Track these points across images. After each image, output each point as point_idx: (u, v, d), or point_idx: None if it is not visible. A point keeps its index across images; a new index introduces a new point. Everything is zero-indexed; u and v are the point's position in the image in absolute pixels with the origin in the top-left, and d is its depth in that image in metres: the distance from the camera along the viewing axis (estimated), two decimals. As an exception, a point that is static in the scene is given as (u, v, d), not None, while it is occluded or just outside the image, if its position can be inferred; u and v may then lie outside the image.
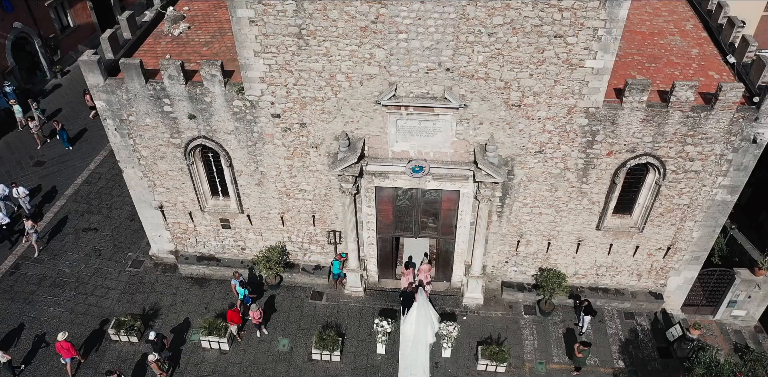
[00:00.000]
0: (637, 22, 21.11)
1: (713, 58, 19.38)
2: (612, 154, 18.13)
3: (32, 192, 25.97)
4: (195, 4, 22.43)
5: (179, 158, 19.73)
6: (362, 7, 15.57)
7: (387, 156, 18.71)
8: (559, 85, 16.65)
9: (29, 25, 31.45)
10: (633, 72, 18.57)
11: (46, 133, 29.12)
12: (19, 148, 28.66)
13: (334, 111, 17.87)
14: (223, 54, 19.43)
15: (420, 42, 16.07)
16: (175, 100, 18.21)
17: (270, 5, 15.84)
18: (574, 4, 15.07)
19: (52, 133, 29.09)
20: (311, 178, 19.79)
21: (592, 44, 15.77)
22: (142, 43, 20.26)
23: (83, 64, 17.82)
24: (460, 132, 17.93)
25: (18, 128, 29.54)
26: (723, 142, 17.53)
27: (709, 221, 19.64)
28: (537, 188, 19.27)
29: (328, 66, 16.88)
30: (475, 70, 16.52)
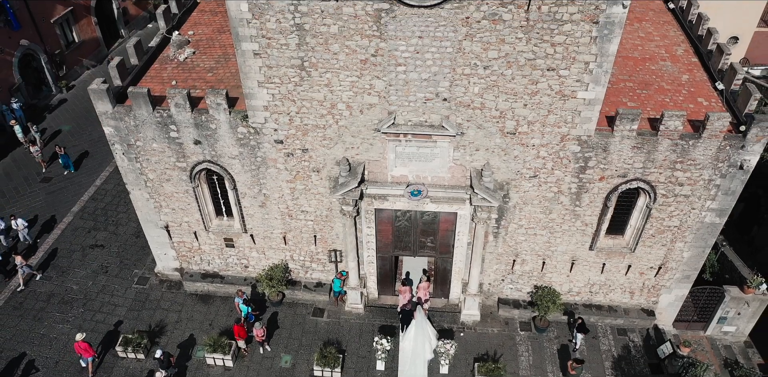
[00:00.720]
0: (629, 47, 21.71)
1: (703, 84, 19.99)
2: (604, 178, 18.75)
3: (39, 209, 26.64)
4: (199, 28, 23.04)
5: (185, 181, 20.34)
6: (362, 42, 16.19)
7: (386, 180, 19.32)
8: (552, 114, 17.27)
9: (35, 41, 32.06)
10: (625, 99, 19.18)
11: (46, 158, 29.11)
12: (27, 164, 29.25)
13: (335, 137, 18.48)
14: (227, 80, 20.04)
15: (418, 74, 16.69)
16: (181, 126, 18.82)
17: (274, 39, 16.45)
18: (566, 39, 15.68)
19: (54, 156, 29.20)
20: (313, 200, 20.40)
21: (583, 77, 16.39)
22: (149, 68, 20.86)
23: (92, 93, 18.45)
24: (457, 158, 18.55)
25: (23, 145, 30.05)
26: (711, 168, 18.15)
27: (699, 242, 20.25)
28: (532, 210, 19.88)
29: (330, 95, 17.49)
30: (471, 100, 17.13)
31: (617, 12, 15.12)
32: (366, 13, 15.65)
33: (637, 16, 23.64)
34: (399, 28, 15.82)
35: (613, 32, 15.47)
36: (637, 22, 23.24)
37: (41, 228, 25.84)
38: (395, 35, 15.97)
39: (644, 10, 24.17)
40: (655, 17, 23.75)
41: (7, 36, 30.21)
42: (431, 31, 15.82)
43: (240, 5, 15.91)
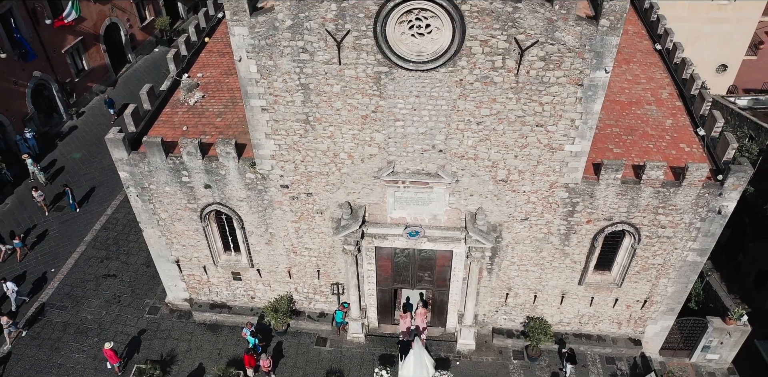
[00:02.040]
0: (617, 90, 22.83)
1: (685, 130, 21.12)
2: (591, 221, 19.89)
3: (53, 238, 27.81)
4: (208, 70, 24.17)
5: (195, 220, 21.49)
6: (363, 100, 17.34)
7: (386, 221, 20.46)
8: (541, 164, 18.41)
9: (47, 71, 33.18)
10: (611, 145, 20.31)
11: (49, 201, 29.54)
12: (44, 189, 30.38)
13: (338, 183, 19.63)
14: (235, 125, 21.18)
15: (416, 128, 17.84)
16: (192, 172, 19.97)
17: (280, 97, 17.60)
18: (553, 99, 16.83)
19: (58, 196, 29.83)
20: (316, 238, 21.54)
21: (570, 132, 17.53)
22: (161, 112, 21.99)
23: (109, 142, 19.59)
24: (453, 202, 19.70)
25: (31, 178, 30.89)
26: (692, 212, 19.29)
27: (682, 278, 21.39)
28: (523, 249, 21.02)
29: (333, 146, 18.64)
30: (466, 152, 18.28)
31: (600, 76, 16.26)
32: (367, 75, 16.80)
33: (626, 57, 24.75)
34: (397, 88, 16.98)
35: (597, 93, 16.61)
36: (625, 64, 24.36)
37: (57, 257, 26.96)
38: (394, 94, 17.12)
39: (632, 50, 25.28)
40: (642, 58, 24.86)
41: (21, 68, 31.34)
42: (427, 91, 16.97)
43: (249, 67, 17.05)
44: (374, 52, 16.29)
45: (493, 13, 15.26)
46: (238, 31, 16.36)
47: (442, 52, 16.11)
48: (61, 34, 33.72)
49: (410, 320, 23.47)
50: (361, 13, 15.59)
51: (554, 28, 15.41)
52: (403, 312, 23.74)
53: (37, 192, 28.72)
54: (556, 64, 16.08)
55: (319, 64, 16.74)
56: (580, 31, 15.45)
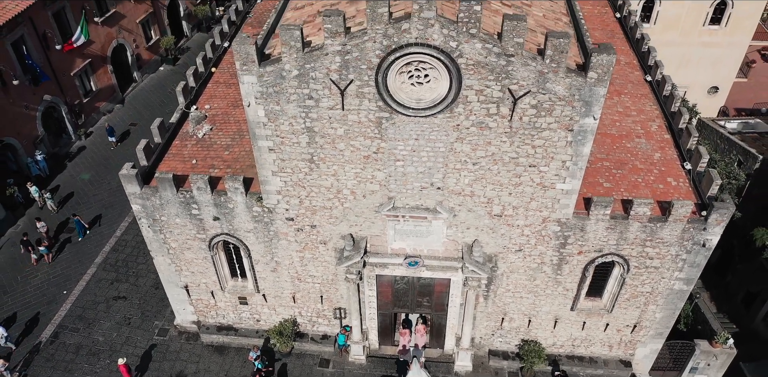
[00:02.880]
0: (608, 123, 23.78)
1: (673, 163, 22.07)
2: (582, 253, 20.86)
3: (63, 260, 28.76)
4: (215, 101, 25.13)
5: (204, 249, 22.45)
6: (365, 142, 18.30)
7: (387, 252, 21.43)
8: (534, 201, 19.38)
9: (56, 94, 34.12)
10: (601, 179, 21.26)
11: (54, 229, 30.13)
12: (50, 217, 31.28)
13: (341, 216, 20.59)
14: (242, 159, 22.12)
15: (415, 168, 18.80)
16: (202, 205, 20.93)
17: (287, 138, 18.56)
18: (545, 143, 17.79)
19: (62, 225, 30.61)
20: (320, 266, 22.50)
21: (561, 172, 18.49)
22: (171, 145, 22.94)
23: (123, 178, 20.55)
24: (450, 234, 20.66)
25: (38, 205, 31.57)
26: (677, 245, 20.25)
27: (669, 305, 22.36)
28: (518, 278, 21.99)
29: (336, 183, 19.60)
30: (462, 189, 19.25)
31: (589, 122, 17.22)
32: (369, 120, 17.76)
33: (617, 88, 25.71)
34: (398, 132, 17.94)
35: (586, 138, 17.58)
36: (616, 96, 25.31)
37: (68, 279, 27.92)
38: (394, 137, 18.08)
39: (624, 81, 26.25)
40: (633, 90, 25.82)
41: (32, 92, 32.28)
42: (426, 135, 17.93)
43: (257, 111, 18.02)
44: (376, 100, 17.25)
45: (487, 66, 16.22)
46: (247, 79, 17.32)
47: (440, 99, 17.08)
48: (70, 57, 34.65)
49: (410, 337, 24.51)
50: (364, 65, 16.55)
51: (545, 79, 16.38)
52: (402, 329, 24.76)
53: (40, 222, 29.14)
54: (547, 111, 17.05)
55: (324, 110, 17.70)
56: (570, 83, 16.41)
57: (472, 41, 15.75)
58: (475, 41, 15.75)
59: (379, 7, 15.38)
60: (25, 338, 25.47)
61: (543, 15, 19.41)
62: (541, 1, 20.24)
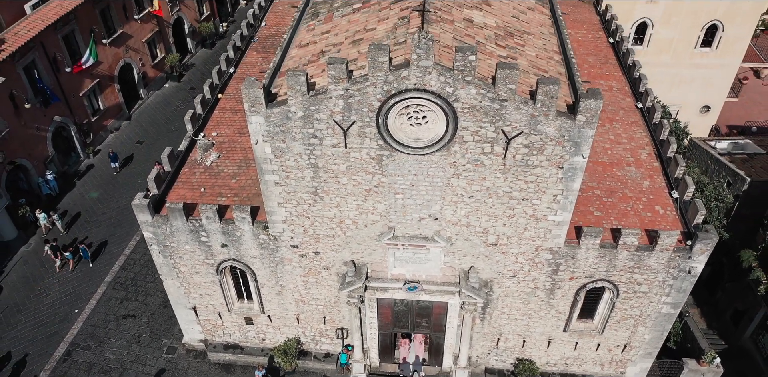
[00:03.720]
0: (599, 151, 24.75)
1: (661, 192, 23.02)
2: (573, 278, 21.84)
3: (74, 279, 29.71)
4: (222, 128, 26.10)
5: (212, 274, 23.43)
6: (367, 177, 19.28)
7: (387, 277, 22.41)
8: (527, 231, 20.36)
9: (66, 115, 35.10)
10: (592, 208, 22.22)
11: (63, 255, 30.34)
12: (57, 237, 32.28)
13: (343, 244, 21.57)
14: (249, 187, 23.08)
15: (414, 200, 19.78)
16: (210, 233, 21.91)
17: (292, 173, 19.54)
18: (537, 178, 18.77)
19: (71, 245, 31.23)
20: (323, 290, 23.49)
21: (552, 205, 19.47)
22: (180, 173, 23.90)
23: (135, 207, 21.53)
24: (448, 261, 21.64)
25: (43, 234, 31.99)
26: (664, 272, 21.23)
27: (658, 327, 23.34)
28: (513, 301, 22.97)
29: (338, 214, 20.58)
30: (459, 220, 20.22)
31: (578, 160, 18.19)
32: (370, 157, 18.74)
33: (609, 116, 26.69)
34: (397, 168, 18.92)
35: (576, 174, 18.55)
36: (608, 123, 26.29)
37: (79, 298, 28.92)
38: (394, 172, 19.06)
39: (616, 108, 27.22)
40: (624, 117, 26.79)
41: (43, 114, 33.25)
42: (424, 170, 18.91)
43: (264, 148, 19.00)
44: (377, 139, 18.23)
45: (482, 109, 17.20)
46: (255, 119, 18.30)
47: (438, 139, 18.05)
48: (79, 78, 35.64)
49: (409, 345, 25.55)
50: (365, 108, 17.53)
51: (537, 121, 17.35)
52: (402, 338, 25.78)
53: (47, 245, 29.89)
54: (539, 150, 18.02)
55: (328, 148, 18.68)
56: (560, 125, 17.39)
57: (468, 87, 16.73)
58: (470, 87, 16.73)
59: (380, 55, 16.35)
60: (39, 356, 26.44)
61: (536, 54, 20.38)
62: (534, 40, 21.20)
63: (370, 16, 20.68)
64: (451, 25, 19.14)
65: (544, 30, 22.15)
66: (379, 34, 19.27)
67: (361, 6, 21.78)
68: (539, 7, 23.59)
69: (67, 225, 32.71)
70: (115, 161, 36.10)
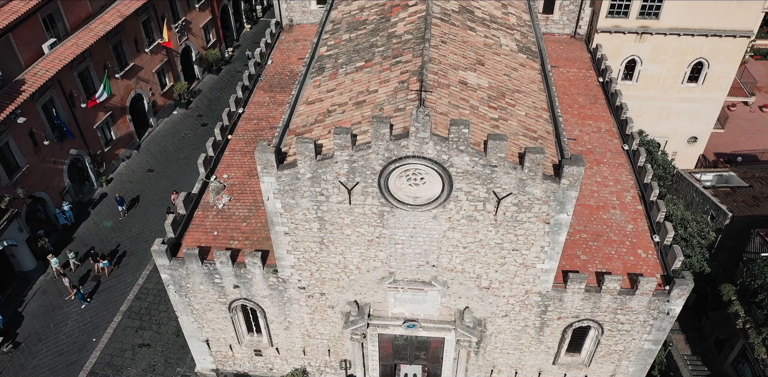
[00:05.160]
0: (587, 193, 26.38)
1: (643, 235, 24.67)
2: (561, 318, 23.50)
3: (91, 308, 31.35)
4: (232, 170, 27.74)
5: (224, 311, 25.09)
6: (369, 229, 20.94)
7: (388, 315, 24.08)
8: (517, 277, 22.02)
9: (81, 147, 36.73)
10: (579, 251, 23.87)
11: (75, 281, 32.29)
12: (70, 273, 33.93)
13: (347, 287, 23.23)
14: (259, 231, 24.73)
15: (412, 250, 21.45)
16: (224, 276, 23.57)
17: (300, 225, 21.20)
18: (526, 232, 20.42)
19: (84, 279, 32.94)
20: (328, 326, 25.15)
21: (540, 255, 21.13)
22: (194, 215, 25.54)
23: (154, 253, 23.18)
24: (444, 302, 23.31)
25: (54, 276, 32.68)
26: (645, 313, 22.88)
27: (641, 361, 25.00)
28: (505, 337, 24.63)
29: (343, 261, 22.25)
30: (454, 267, 21.89)
31: (563, 217, 19.85)
32: (372, 212, 20.40)
33: (597, 158, 28.34)
34: (397, 222, 20.58)
35: (561, 229, 20.20)
36: (596, 165, 27.93)
37: (97, 327, 30.57)
38: (395, 225, 20.72)
39: (604, 150, 28.87)
40: (612, 159, 28.42)
41: (59, 148, 34.89)
42: (422, 224, 20.57)
43: (275, 204, 20.65)
44: (378, 197, 19.89)
45: (475, 174, 18.85)
46: (267, 179, 19.96)
47: (434, 198, 19.71)
48: (93, 112, 37.25)
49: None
50: (368, 171, 19.18)
51: (525, 184, 19.01)
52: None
53: (65, 278, 31.44)
54: (527, 208, 19.68)
55: (333, 204, 20.34)
56: (546, 187, 19.04)
57: (461, 155, 18.39)
58: (463, 155, 18.38)
59: (382, 127, 18.00)
60: (60, 384, 28.15)
61: (525, 113, 22.01)
62: (524, 98, 22.82)
63: (372, 77, 22.30)
64: (447, 89, 20.78)
65: (534, 86, 23.78)
66: (381, 97, 20.91)
67: (364, 64, 23.42)
68: (530, 62, 25.20)
69: (82, 259, 33.94)
70: (121, 205, 36.69)
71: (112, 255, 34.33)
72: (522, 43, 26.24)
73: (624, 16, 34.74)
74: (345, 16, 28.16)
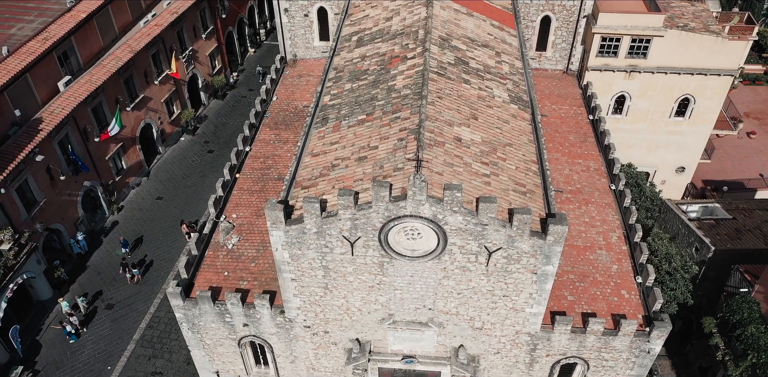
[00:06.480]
0: (575, 233, 28.01)
1: (627, 276, 26.29)
2: (549, 355, 25.15)
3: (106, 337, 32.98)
4: (240, 210, 29.38)
5: (233, 346, 26.74)
6: (370, 277, 22.59)
7: (387, 352, 25.73)
8: (508, 319, 23.67)
9: (94, 178, 38.36)
10: (566, 292, 25.49)
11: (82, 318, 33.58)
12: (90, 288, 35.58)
13: (349, 326, 24.88)
14: (267, 272, 26.36)
15: (410, 295, 23.10)
16: (234, 315, 25.21)
17: (306, 272, 22.85)
18: (515, 281, 22.07)
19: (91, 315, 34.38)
20: (331, 360, 26.79)
21: (529, 300, 22.77)
22: (205, 255, 27.17)
23: (170, 295, 24.83)
24: (440, 340, 24.96)
25: (61, 325, 32.78)
26: (627, 351, 24.52)
27: (625, 394, 26.68)
28: (497, 372, 26.27)
29: (345, 303, 23.89)
30: (449, 310, 23.54)
31: (549, 269, 21.49)
32: (373, 262, 22.05)
33: (585, 197, 29.98)
34: (396, 271, 22.22)
35: (548, 279, 21.84)
36: (584, 205, 29.57)
37: (111, 355, 32.20)
38: (394, 274, 22.37)
39: (592, 190, 30.51)
40: (599, 198, 30.05)
41: (74, 181, 36.52)
42: (419, 273, 22.22)
43: (283, 254, 22.30)
44: (379, 249, 21.53)
45: (467, 230, 20.50)
46: (276, 233, 21.60)
47: (430, 251, 21.36)
48: (105, 144, 38.88)
49: None
50: (369, 227, 20.82)
51: (513, 240, 20.65)
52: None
53: (72, 317, 32.83)
54: (516, 260, 21.32)
55: (337, 255, 21.99)
56: (533, 243, 20.69)
57: (455, 215, 20.03)
58: (457, 215, 20.03)
59: (381, 191, 19.64)
60: (77, 411, 29.79)
61: (516, 167, 23.64)
62: (515, 151, 24.45)
63: (372, 132, 23.92)
64: (442, 147, 22.41)
65: (524, 138, 25.42)
66: (381, 154, 22.53)
67: (365, 118, 25.05)
68: (521, 112, 26.83)
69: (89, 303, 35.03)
70: (125, 247, 37.52)
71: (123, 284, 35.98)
72: (514, 93, 27.87)
73: (614, 56, 36.38)
74: (347, 63, 29.79)
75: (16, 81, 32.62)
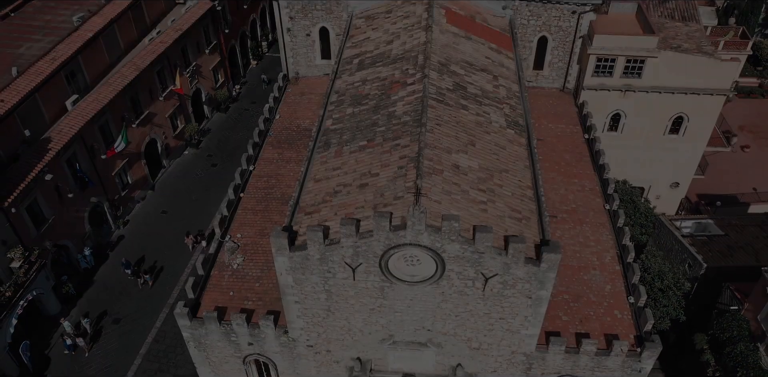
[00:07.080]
0: (570, 254, 28.83)
1: (620, 296, 27.12)
2: (544, 374, 25.98)
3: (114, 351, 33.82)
4: (245, 229, 30.21)
5: (238, 363, 27.59)
6: (371, 300, 23.44)
7: (387, 370, 26.57)
8: (504, 340, 24.51)
9: (100, 193, 39.21)
10: (560, 312, 26.33)
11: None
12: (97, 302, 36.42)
13: (351, 345, 25.72)
14: (271, 291, 27.16)
15: (410, 317, 23.94)
16: (239, 335, 26.06)
17: (309, 295, 23.69)
18: (511, 304, 22.93)
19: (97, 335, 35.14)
20: (333, 377, 27.70)
21: (524, 323, 23.62)
22: (210, 275, 28.01)
23: (177, 316, 25.67)
24: (439, 360, 25.80)
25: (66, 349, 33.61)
26: (620, 370, 25.36)
27: (618, 410, 27.51)
28: (494, 389, 27.16)
29: (347, 325, 24.74)
30: (447, 331, 24.38)
31: (543, 293, 22.33)
32: (374, 287, 22.89)
33: (580, 217, 30.80)
34: (396, 295, 23.07)
35: (542, 303, 22.68)
36: (579, 225, 30.39)
37: (118, 369, 33.05)
38: (394, 298, 23.21)
39: (586, 210, 31.32)
40: (594, 218, 30.88)
41: (81, 197, 37.37)
42: (419, 297, 23.06)
43: (287, 278, 23.15)
44: (379, 275, 22.37)
45: (465, 258, 21.34)
46: (280, 259, 22.44)
47: (429, 276, 22.20)
48: (111, 160, 39.72)
49: None
50: (371, 254, 21.66)
51: (509, 267, 21.50)
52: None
53: (79, 338, 33.42)
54: (511, 285, 22.16)
55: (339, 279, 22.83)
56: (528, 270, 21.53)
57: (453, 243, 20.87)
58: (454, 243, 20.87)
59: (382, 221, 20.49)
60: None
61: (512, 193, 24.47)
62: (511, 177, 25.27)
63: (373, 159, 24.73)
64: (440, 175, 23.23)
65: (520, 164, 26.24)
66: (382, 181, 23.34)
67: (366, 144, 25.86)
68: (517, 137, 27.66)
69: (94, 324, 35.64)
70: (128, 268, 38.00)
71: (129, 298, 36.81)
72: (511, 117, 28.71)
73: (609, 75, 37.20)
74: (349, 87, 30.61)
75: (26, 101, 33.47)
